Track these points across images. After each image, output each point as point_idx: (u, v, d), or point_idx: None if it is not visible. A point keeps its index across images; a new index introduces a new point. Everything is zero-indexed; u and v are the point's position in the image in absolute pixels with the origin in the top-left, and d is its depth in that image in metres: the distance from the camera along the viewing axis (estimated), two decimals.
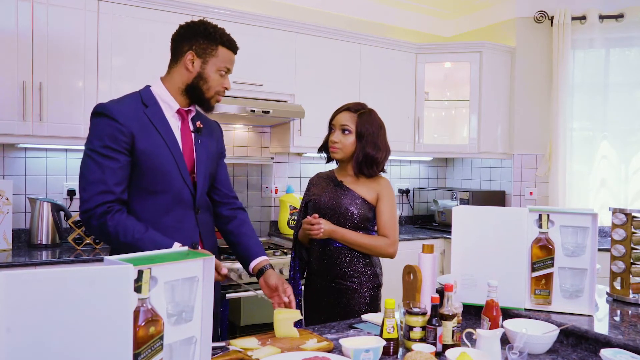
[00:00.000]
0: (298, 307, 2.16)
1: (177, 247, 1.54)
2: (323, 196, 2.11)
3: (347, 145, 2.05)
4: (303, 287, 2.23)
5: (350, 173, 2.10)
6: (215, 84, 1.68)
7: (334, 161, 2.18)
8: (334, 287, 2.06)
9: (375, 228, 2.13)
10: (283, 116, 3.20)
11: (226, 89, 1.73)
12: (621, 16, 3.74)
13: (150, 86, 1.71)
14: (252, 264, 1.82)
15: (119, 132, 1.55)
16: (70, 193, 3.02)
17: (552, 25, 3.91)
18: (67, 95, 2.68)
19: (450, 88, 4.21)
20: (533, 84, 4.02)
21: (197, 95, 1.69)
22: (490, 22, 4.25)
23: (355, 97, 3.64)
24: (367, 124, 2.05)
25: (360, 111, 2.07)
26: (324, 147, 2.17)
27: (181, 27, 1.70)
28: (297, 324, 1.66)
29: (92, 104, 2.72)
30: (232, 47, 1.71)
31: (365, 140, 2.03)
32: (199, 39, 1.65)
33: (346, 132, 2.05)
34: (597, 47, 3.81)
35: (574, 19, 3.83)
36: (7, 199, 2.72)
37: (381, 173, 2.14)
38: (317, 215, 2.01)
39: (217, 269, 1.62)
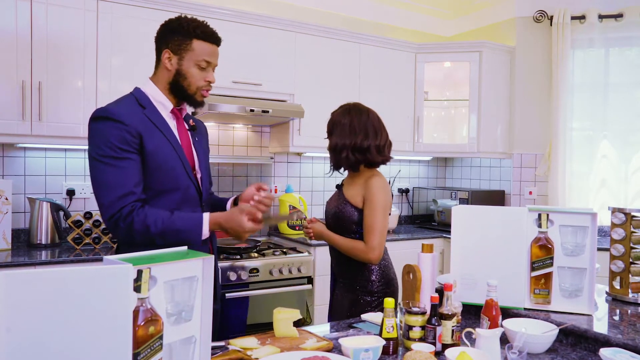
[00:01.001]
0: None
1: (207, 217, 1.58)
2: (330, 200, 2.20)
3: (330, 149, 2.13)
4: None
5: (350, 175, 2.16)
6: (195, 79, 1.65)
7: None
8: (348, 287, 2.08)
9: None
10: (282, 116, 3.20)
11: (210, 82, 1.69)
12: (620, 16, 3.74)
13: (139, 88, 1.70)
14: (228, 204, 1.86)
15: (128, 134, 1.54)
16: (70, 193, 3.02)
17: (551, 25, 3.91)
18: (66, 95, 2.68)
19: (449, 88, 4.21)
20: (533, 84, 4.02)
21: (181, 92, 1.67)
22: (490, 22, 4.25)
23: (354, 97, 3.63)
24: (332, 120, 2.11)
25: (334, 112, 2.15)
26: None
27: (160, 26, 1.70)
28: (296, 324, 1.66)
29: (92, 103, 2.73)
30: (209, 38, 1.66)
31: (333, 134, 2.09)
32: (173, 35, 1.64)
33: (327, 138, 2.15)
34: (596, 46, 3.81)
35: (573, 18, 3.83)
36: (7, 199, 2.72)
37: (374, 167, 2.12)
38: (314, 218, 2.13)
39: (251, 216, 1.59)
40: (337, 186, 2.18)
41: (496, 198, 4.07)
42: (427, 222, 4.33)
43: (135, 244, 1.54)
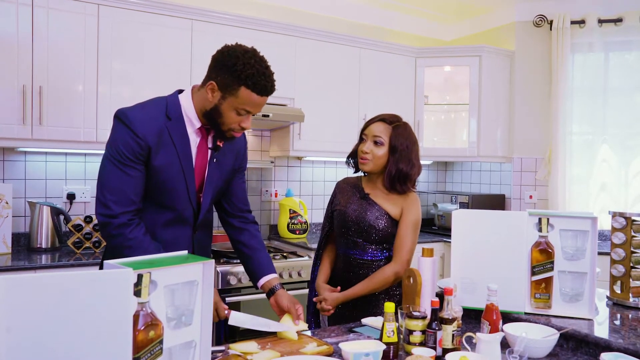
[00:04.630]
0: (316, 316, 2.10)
1: None
2: (348, 207, 2.03)
3: (379, 157, 1.95)
4: None
5: (379, 186, 2.01)
6: (230, 121, 1.57)
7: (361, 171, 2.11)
8: (360, 298, 1.98)
9: None
10: (283, 120, 3.21)
11: (244, 128, 1.60)
12: (620, 20, 3.75)
13: (180, 92, 1.65)
14: (262, 281, 1.80)
15: (137, 145, 1.53)
16: (70, 197, 3.02)
17: (551, 29, 3.92)
18: (67, 99, 2.68)
19: (449, 92, 4.21)
20: (532, 88, 4.03)
21: (212, 124, 1.61)
22: (490, 26, 4.26)
23: (355, 101, 3.65)
24: (402, 137, 1.95)
25: (395, 123, 1.98)
26: (352, 156, 2.08)
27: (222, 48, 1.58)
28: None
29: (92, 107, 2.73)
30: (260, 90, 1.53)
31: (398, 155, 1.93)
32: (225, 72, 1.52)
33: (379, 144, 1.95)
34: (596, 50, 3.82)
35: (573, 23, 3.84)
36: (7, 203, 2.72)
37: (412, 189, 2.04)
38: (324, 298, 1.97)
39: (217, 308, 1.61)
40: (363, 196, 2.03)
41: (496, 202, 4.06)
42: (428, 226, 4.32)
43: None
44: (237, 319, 1.62)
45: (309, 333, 1.64)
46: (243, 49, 1.56)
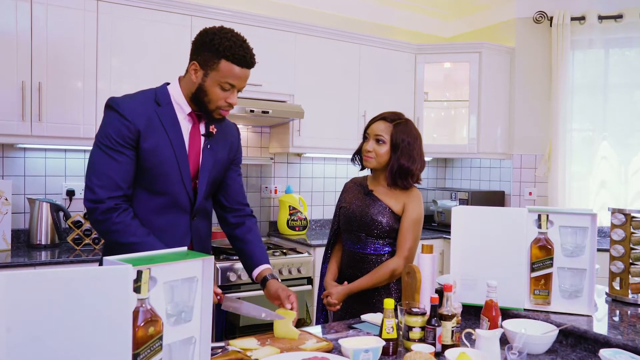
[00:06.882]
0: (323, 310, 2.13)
1: None
2: (352, 204, 2.09)
3: (381, 155, 2.00)
4: None
5: (383, 183, 2.05)
6: (215, 97, 1.60)
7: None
8: (364, 291, 2.01)
9: None
10: (282, 116, 3.21)
11: (230, 104, 1.63)
12: (620, 17, 3.74)
13: (168, 84, 1.68)
14: (255, 272, 1.81)
15: (126, 129, 1.55)
16: (70, 193, 3.02)
17: (551, 26, 3.92)
18: (66, 96, 2.68)
19: (449, 88, 4.21)
20: (532, 85, 4.02)
21: (200, 105, 1.64)
22: (490, 23, 4.26)
23: (354, 98, 3.64)
24: (403, 134, 1.99)
25: (396, 121, 2.02)
26: (358, 154, 2.13)
27: (200, 31, 1.63)
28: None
29: (92, 104, 2.73)
30: (239, 61, 1.57)
31: (400, 152, 1.98)
32: (204, 49, 1.57)
33: (380, 142, 2.00)
34: (596, 47, 3.82)
35: (573, 19, 3.83)
36: (7, 199, 2.72)
37: (415, 185, 2.07)
38: (330, 292, 2.01)
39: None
40: (367, 193, 2.08)
41: (496, 199, 4.07)
42: (427, 222, 4.31)
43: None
44: (230, 304, 1.62)
45: (318, 331, 1.64)
46: (219, 27, 1.61)
